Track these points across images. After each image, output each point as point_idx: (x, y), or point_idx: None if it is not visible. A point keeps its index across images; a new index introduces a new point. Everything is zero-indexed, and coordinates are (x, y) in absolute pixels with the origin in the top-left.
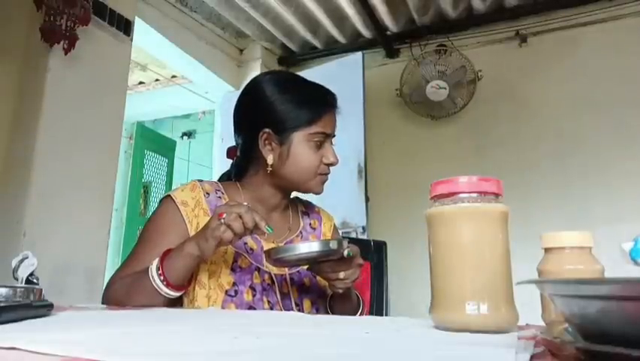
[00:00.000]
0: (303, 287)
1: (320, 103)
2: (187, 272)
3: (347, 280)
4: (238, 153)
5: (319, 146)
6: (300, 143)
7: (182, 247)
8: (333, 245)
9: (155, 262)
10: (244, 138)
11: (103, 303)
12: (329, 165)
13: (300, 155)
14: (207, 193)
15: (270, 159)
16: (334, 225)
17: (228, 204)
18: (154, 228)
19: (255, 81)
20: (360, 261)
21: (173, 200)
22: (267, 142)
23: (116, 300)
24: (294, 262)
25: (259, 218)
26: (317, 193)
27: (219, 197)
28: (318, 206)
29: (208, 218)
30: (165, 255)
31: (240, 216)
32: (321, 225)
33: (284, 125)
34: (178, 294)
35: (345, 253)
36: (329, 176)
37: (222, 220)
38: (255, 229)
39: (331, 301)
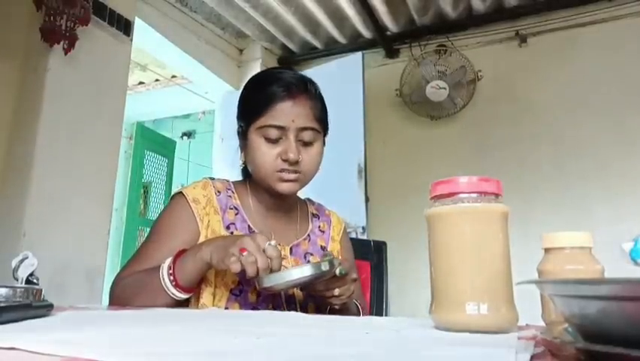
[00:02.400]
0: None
1: (272, 93)
2: (198, 276)
3: (342, 297)
4: None
5: (275, 140)
6: (254, 137)
7: (196, 251)
8: (325, 267)
9: (168, 262)
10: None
11: (110, 299)
12: (286, 161)
13: (254, 149)
14: (218, 192)
15: (241, 157)
16: (344, 229)
17: (255, 240)
18: (165, 224)
19: None
20: (354, 276)
21: (185, 197)
22: (240, 139)
23: (123, 297)
24: (284, 288)
25: (278, 265)
26: (281, 192)
27: (229, 196)
28: (330, 209)
29: (218, 217)
30: (179, 255)
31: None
32: (330, 228)
33: (245, 119)
34: (185, 296)
35: (337, 271)
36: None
37: (241, 257)
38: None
39: (330, 313)
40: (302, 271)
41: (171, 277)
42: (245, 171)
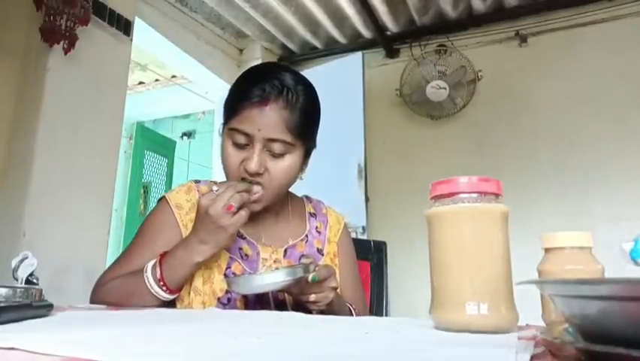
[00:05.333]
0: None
1: (246, 95)
2: (187, 276)
3: (319, 303)
4: None
5: (242, 146)
6: (225, 137)
7: (190, 256)
8: (300, 273)
9: (151, 263)
10: None
11: (91, 302)
12: (247, 171)
13: (222, 150)
14: (203, 195)
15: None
16: (343, 228)
17: (209, 197)
18: (148, 230)
19: None
20: (334, 284)
21: (168, 202)
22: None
23: (106, 301)
24: (258, 292)
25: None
26: None
27: None
28: (329, 206)
29: None
30: (163, 257)
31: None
32: (326, 229)
33: (223, 116)
34: (172, 297)
35: (310, 277)
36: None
37: (233, 210)
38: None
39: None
40: (276, 276)
41: (161, 283)
42: None
